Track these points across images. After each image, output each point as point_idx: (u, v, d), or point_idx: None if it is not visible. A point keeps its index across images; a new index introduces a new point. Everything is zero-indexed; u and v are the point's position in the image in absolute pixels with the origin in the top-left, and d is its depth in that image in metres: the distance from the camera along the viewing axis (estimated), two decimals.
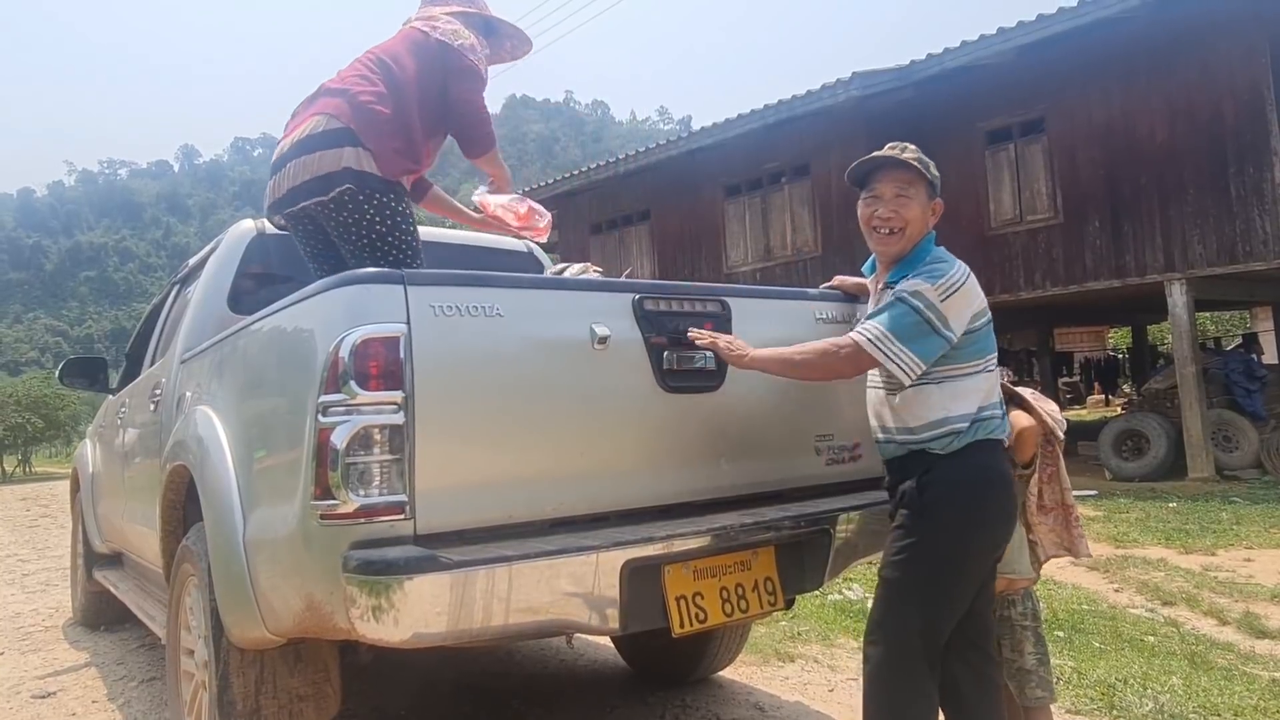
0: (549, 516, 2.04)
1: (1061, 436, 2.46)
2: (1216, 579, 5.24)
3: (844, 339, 2.17)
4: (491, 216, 3.21)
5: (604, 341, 2.14)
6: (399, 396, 1.83)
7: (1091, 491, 8.84)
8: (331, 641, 2.20)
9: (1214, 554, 5.95)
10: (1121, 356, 25.86)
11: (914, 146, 2.27)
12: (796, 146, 12.29)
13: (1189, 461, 9.35)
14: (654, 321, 2.25)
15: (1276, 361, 14.37)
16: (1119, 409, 15.34)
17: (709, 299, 2.40)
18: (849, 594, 4.91)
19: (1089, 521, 7.12)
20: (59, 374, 4.58)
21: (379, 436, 1.82)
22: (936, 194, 2.28)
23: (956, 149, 10.70)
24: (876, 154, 2.26)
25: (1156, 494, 8.55)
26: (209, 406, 2.46)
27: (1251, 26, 9.09)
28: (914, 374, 2.09)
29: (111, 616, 4.76)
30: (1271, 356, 15.55)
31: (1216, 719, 3.07)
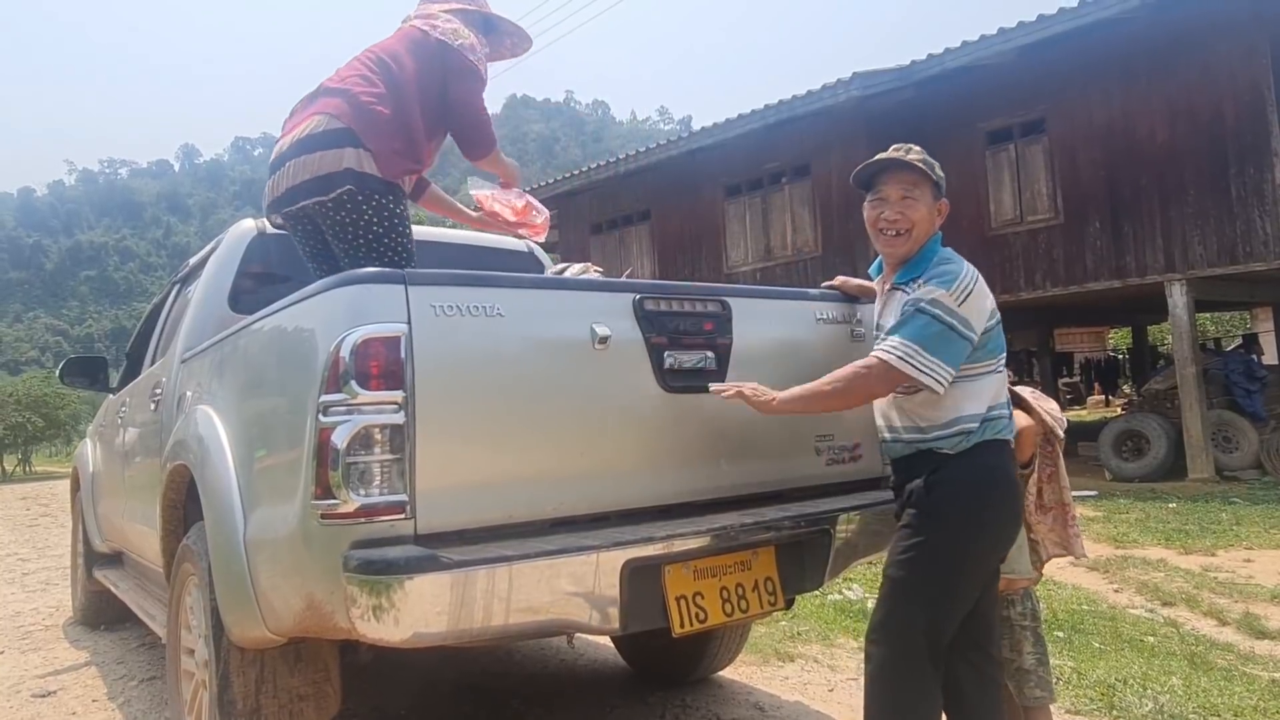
0: (549, 516, 2.04)
1: (1061, 435, 2.46)
2: (1216, 579, 5.24)
3: (869, 360, 2.12)
4: (488, 212, 3.21)
5: (605, 341, 2.14)
6: (399, 396, 1.83)
7: (1091, 492, 8.85)
8: (332, 641, 2.20)
9: (1214, 554, 5.95)
10: (1122, 357, 25.87)
11: (919, 148, 2.27)
12: (797, 146, 12.29)
13: (1189, 462, 9.35)
14: (655, 321, 2.25)
15: (1276, 362, 14.37)
16: (1119, 409, 15.35)
17: (709, 299, 2.40)
18: (849, 594, 4.91)
19: (1089, 522, 7.12)
20: (60, 373, 4.57)
21: (379, 436, 1.82)
22: (942, 195, 2.28)
23: (957, 149, 10.69)
24: (882, 156, 2.26)
25: (1156, 494, 8.56)
26: (209, 406, 2.46)
27: (1252, 27, 9.09)
28: (946, 382, 2.08)
29: (111, 615, 4.76)
30: (1272, 357, 15.55)
31: (1216, 719, 3.07)
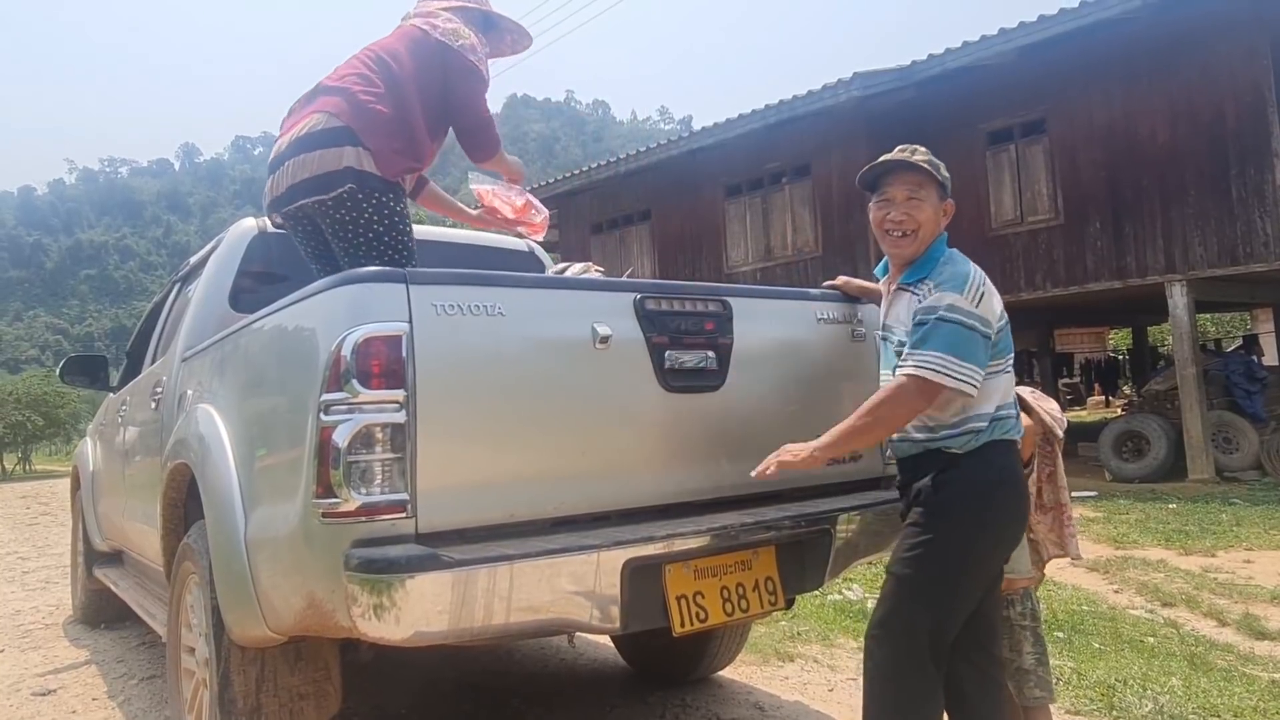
0: (550, 516, 2.04)
1: (1061, 436, 2.46)
2: (1216, 580, 5.24)
3: (902, 381, 2.08)
4: (488, 207, 3.21)
5: (605, 341, 2.14)
6: (401, 395, 1.83)
7: (1091, 493, 8.85)
8: (332, 640, 2.20)
9: (1214, 555, 5.95)
10: (1122, 358, 25.86)
11: (924, 149, 2.27)
12: (797, 146, 12.29)
13: (1189, 463, 9.35)
14: (655, 321, 2.25)
15: (1277, 363, 14.37)
16: (1119, 410, 15.34)
17: (710, 299, 2.40)
18: (849, 594, 4.91)
19: (1089, 523, 7.12)
20: (60, 372, 4.57)
21: (381, 435, 1.82)
22: (948, 195, 2.27)
23: (958, 150, 10.68)
24: (887, 157, 2.26)
25: (1156, 495, 8.56)
26: (210, 405, 2.46)
27: (1253, 28, 9.09)
28: (979, 385, 2.07)
29: (111, 614, 4.76)
30: (1272, 358, 15.55)
31: (1216, 719, 3.08)
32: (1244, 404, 10.32)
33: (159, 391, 3.21)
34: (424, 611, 1.72)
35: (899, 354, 2.21)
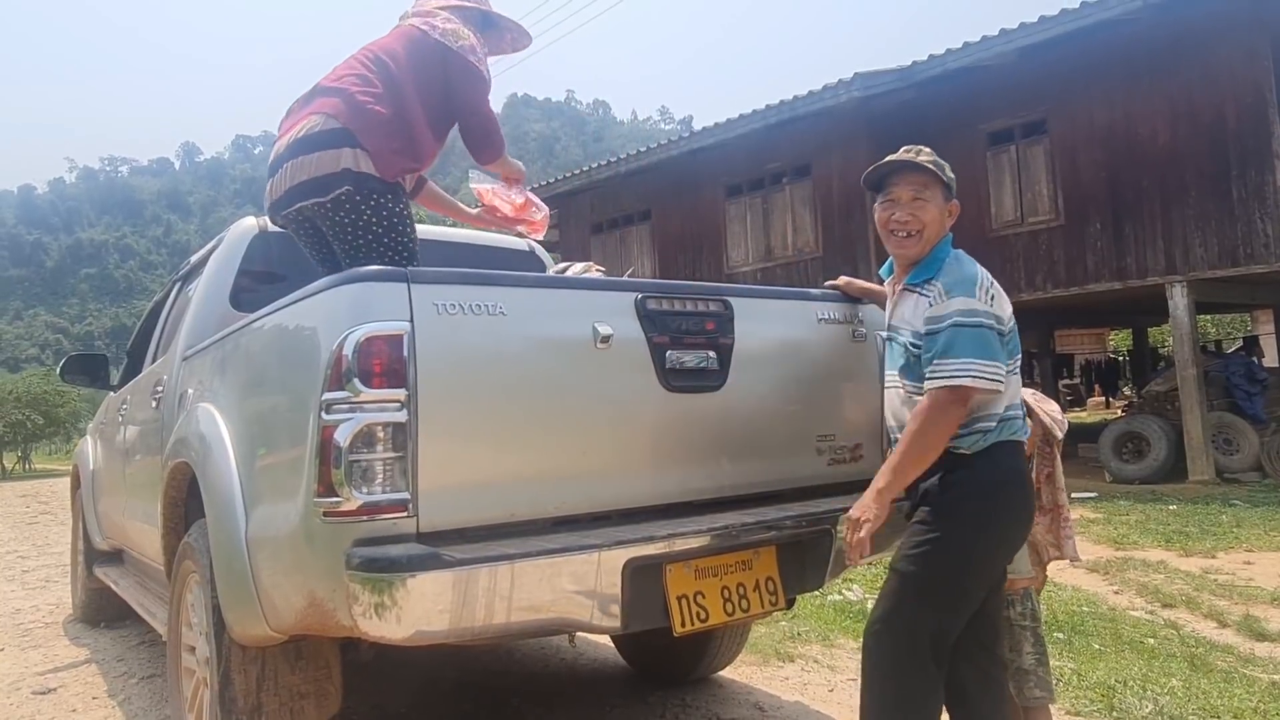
0: (551, 515, 2.04)
1: (1060, 437, 2.46)
2: (1216, 581, 5.24)
3: (935, 397, 2.06)
4: (488, 206, 3.20)
5: (607, 341, 2.14)
6: (402, 394, 1.83)
7: (1092, 494, 8.85)
8: (333, 639, 2.20)
9: (1214, 556, 5.95)
10: (1122, 359, 25.86)
11: (929, 149, 2.27)
12: (798, 147, 12.29)
13: (1189, 464, 9.35)
14: (657, 321, 2.25)
15: (1277, 365, 14.38)
16: (1119, 411, 15.34)
17: (712, 298, 2.40)
18: (849, 594, 4.91)
19: (1090, 524, 7.12)
20: (60, 371, 4.58)
21: (382, 434, 1.82)
22: (953, 196, 2.27)
23: (958, 150, 10.67)
24: (892, 157, 2.25)
25: (1156, 496, 8.56)
26: (211, 404, 2.46)
27: (1254, 29, 9.09)
28: (1005, 381, 2.09)
29: (112, 613, 4.76)
30: (1272, 359, 15.56)
31: None
32: (1244, 405, 10.32)
33: (160, 390, 3.21)
34: (425, 611, 1.72)
35: (904, 354, 2.21)
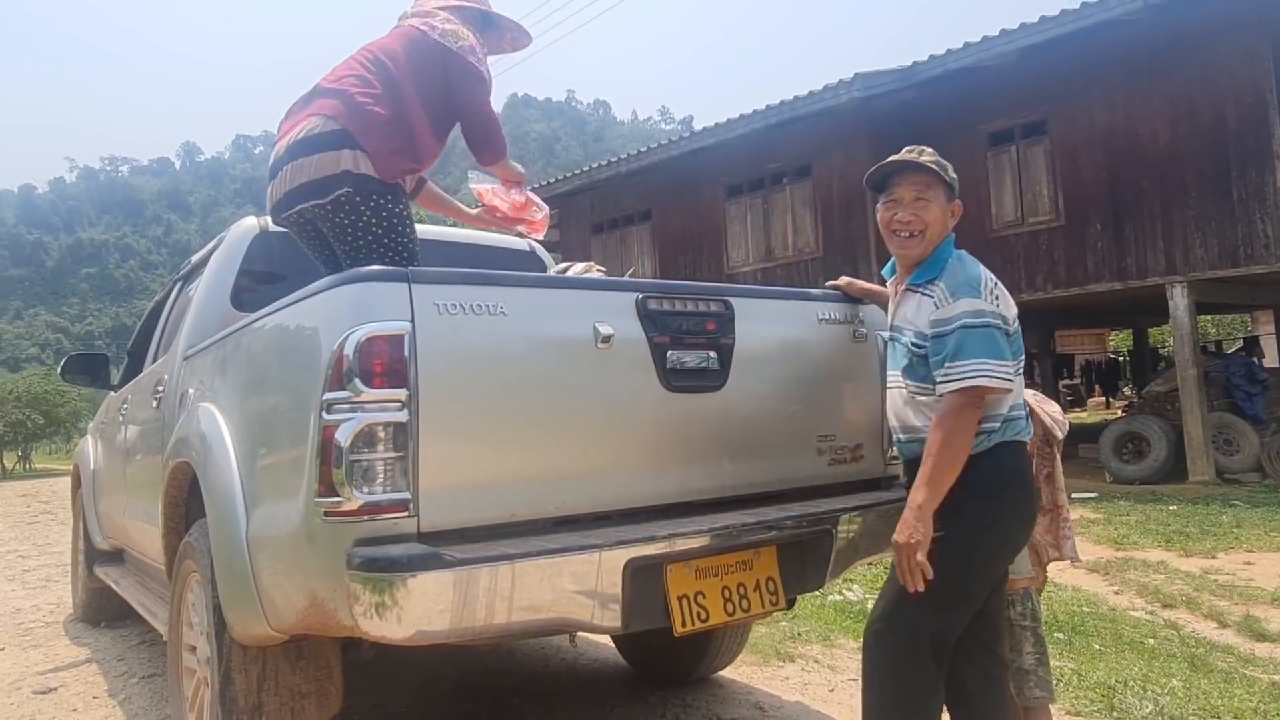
0: (552, 515, 2.04)
1: (1060, 438, 2.46)
2: (1217, 582, 5.24)
3: (951, 401, 2.05)
4: (488, 206, 3.20)
5: (607, 341, 2.14)
6: (403, 394, 1.83)
7: (1092, 494, 8.85)
8: (334, 638, 2.20)
9: (1214, 557, 5.95)
10: (1122, 359, 25.86)
11: (931, 150, 2.27)
12: (798, 147, 12.29)
13: (1189, 464, 9.35)
14: (657, 321, 2.25)
15: (1277, 365, 14.37)
16: (1120, 412, 15.35)
17: (712, 299, 2.40)
18: (849, 595, 4.91)
19: (1090, 524, 7.12)
20: (61, 370, 4.58)
21: (383, 434, 1.82)
22: (955, 196, 2.27)
23: (958, 150, 10.67)
24: (895, 158, 2.25)
25: (1157, 497, 8.56)
26: (212, 403, 2.46)
27: (1253, 29, 9.10)
28: (1014, 379, 2.10)
29: (112, 613, 4.77)
30: (1272, 360, 15.56)
31: None
32: (1244, 406, 10.32)
33: (160, 390, 3.22)
34: (426, 610, 1.72)
35: (907, 354, 2.21)
